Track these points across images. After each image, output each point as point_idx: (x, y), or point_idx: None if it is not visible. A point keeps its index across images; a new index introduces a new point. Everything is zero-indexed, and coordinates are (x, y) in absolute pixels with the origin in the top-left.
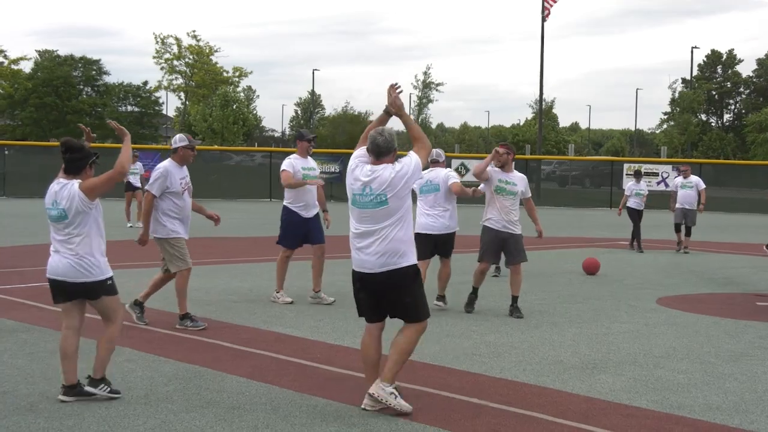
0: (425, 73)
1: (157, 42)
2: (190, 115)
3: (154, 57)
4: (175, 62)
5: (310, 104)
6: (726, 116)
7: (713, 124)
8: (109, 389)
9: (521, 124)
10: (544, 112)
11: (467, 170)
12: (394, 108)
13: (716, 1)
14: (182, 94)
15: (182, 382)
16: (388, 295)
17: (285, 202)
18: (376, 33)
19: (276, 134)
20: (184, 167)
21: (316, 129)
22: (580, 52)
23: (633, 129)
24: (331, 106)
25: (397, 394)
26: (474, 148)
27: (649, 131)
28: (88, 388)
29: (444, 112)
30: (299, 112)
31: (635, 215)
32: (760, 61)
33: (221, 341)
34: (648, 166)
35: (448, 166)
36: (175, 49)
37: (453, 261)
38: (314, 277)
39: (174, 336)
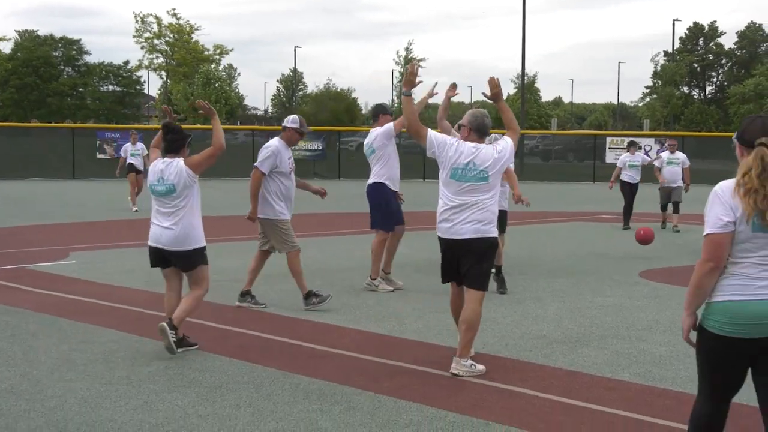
0: (407, 49)
1: (137, 21)
2: (172, 93)
3: (134, 36)
4: (156, 41)
5: (292, 82)
6: (708, 89)
7: (696, 97)
8: (175, 338)
9: (504, 98)
10: (526, 87)
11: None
12: (493, 94)
13: None
14: (163, 73)
15: (165, 362)
16: (469, 261)
17: (379, 180)
18: (358, 10)
19: (258, 112)
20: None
21: (298, 107)
22: (562, 25)
23: (616, 102)
24: (313, 83)
25: (474, 363)
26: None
27: (632, 104)
28: (170, 331)
29: (427, 88)
30: (281, 89)
31: (628, 189)
32: (741, 33)
33: (204, 321)
34: (631, 139)
35: None
36: (156, 27)
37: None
38: (387, 258)
39: (156, 316)
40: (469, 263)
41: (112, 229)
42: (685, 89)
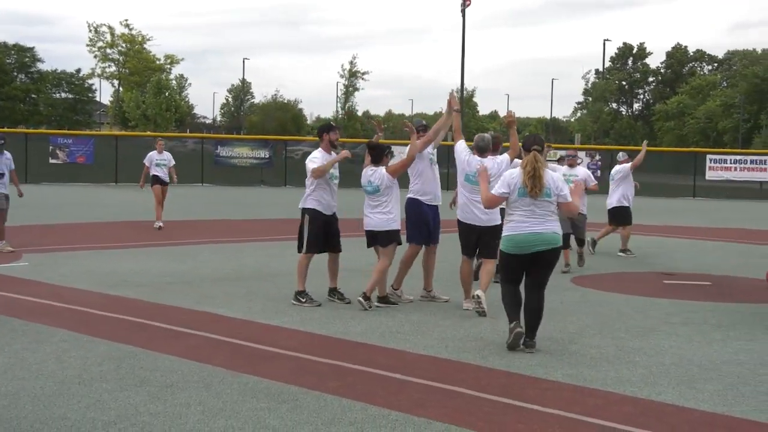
0: (351, 63)
1: (90, 31)
2: (124, 101)
3: (87, 45)
4: (108, 50)
5: (241, 92)
6: (636, 105)
7: (624, 113)
8: (370, 305)
9: (443, 111)
10: (465, 101)
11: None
12: (508, 122)
13: None
14: (115, 81)
15: (116, 361)
16: (485, 239)
17: (410, 194)
18: (308, 23)
19: (207, 121)
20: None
21: (246, 116)
22: (500, 43)
23: (549, 117)
24: (261, 93)
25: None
26: (398, 134)
27: (564, 119)
28: (358, 298)
29: (370, 100)
30: (230, 99)
31: None
32: (668, 54)
33: (155, 322)
34: (562, 152)
35: None
36: (109, 37)
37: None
38: (423, 274)
39: (108, 317)
40: (486, 240)
41: (65, 232)
42: (614, 105)
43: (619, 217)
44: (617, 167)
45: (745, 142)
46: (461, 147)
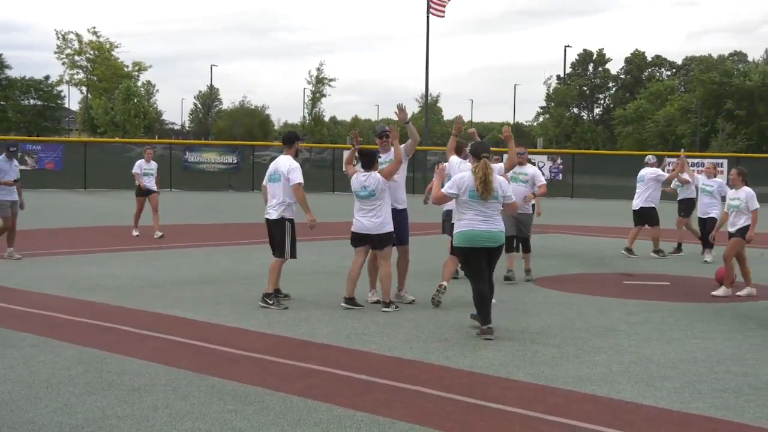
0: (318, 69)
1: (58, 38)
2: (93, 108)
3: (55, 52)
4: (77, 57)
5: (209, 98)
6: (596, 110)
7: (585, 117)
8: (395, 306)
9: (409, 117)
10: (429, 106)
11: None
12: (505, 137)
13: (589, 3)
14: (84, 88)
15: (84, 365)
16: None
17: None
18: (276, 30)
19: (176, 127)
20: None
21: (213, 122)
22: (464, 49)
23: (512, 122)
24: (229, 100)
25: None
26: (365, 140)
27: (527, 124)
28: (384, 309)
29: (337, 106)
30: (198, 105)
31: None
32: (627, 59)
33: (122, 325)
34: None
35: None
36: (76, 44)
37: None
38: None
39: (76, 321)
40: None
41: (33, 237)
42: (575, 110)
43: (646, 217)
44: (647, 170)
45: (703, 146)
46: (455, 160)
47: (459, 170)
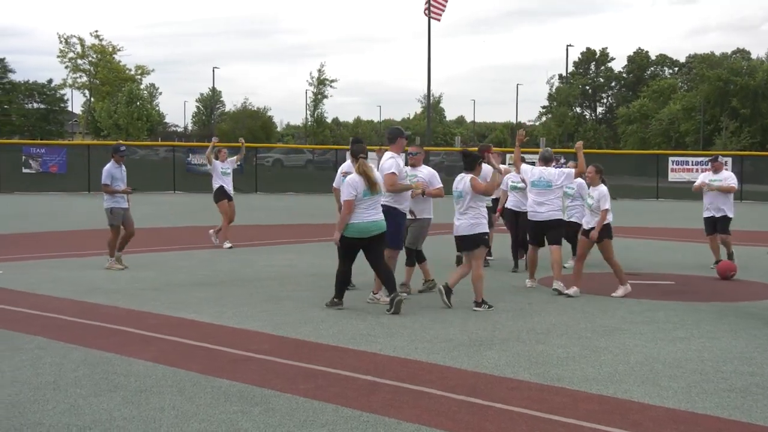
0: (320, 71)
1: (61, 42)
2: (96, 111)
3: (58, 56)
4: (79, 61)
5: (211, 100)
6: (599, 109)
7: (588, 117)
8: (488, 306)
9: (411, 117)
10: (432, 107)
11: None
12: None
13: (589, 3)
14: (87, 92)
15: (90, 367)
16: (545, 231)
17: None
18: (275, 33)
19: (179, 129)
20: None
21: (217, 124)
22: (466, 49)
23: (514, 121)
24: (231, 102)
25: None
26: (368, 140)
27: (530, 123)
28: (475, 308)
29: (339, 107)
30: (201, 107)
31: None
32: (629, 58)
33: (128, 327)
34: (530, 156)
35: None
36: (79, 48)
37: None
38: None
39: (82, 323)
40: (545, 231)
41: (39, 240)
42: (578, 109)
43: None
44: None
45: (707, 144)
46: (526, 167)
47: (532, 174)
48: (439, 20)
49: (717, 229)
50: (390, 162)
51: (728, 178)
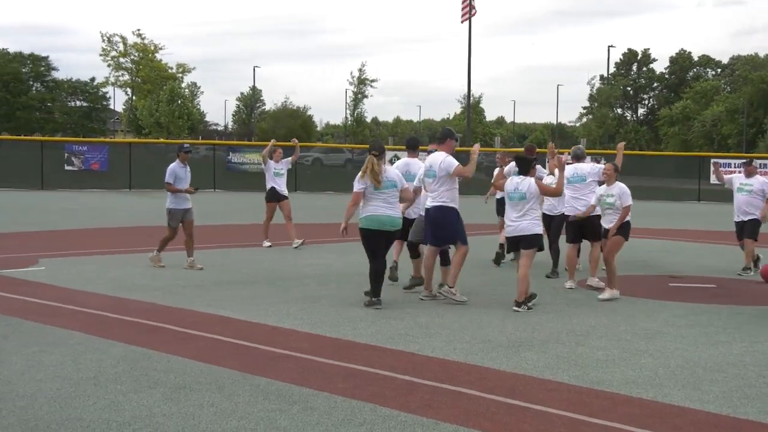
0: (360, 71)
1: (103, 40)
2: (137, 109)
3: (101, 54)
4: (121, 59)
5: (252, 99)
6: (641, 110)
7: (629, 118)
8: (528, 307)
9: (451, 117)
10: (472, 107)
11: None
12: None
13: (632, 4)
14: (129, 90)
15: (130, 363)
16: (583, 227)
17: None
18: (315, 33)
19: (219, 128)
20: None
21: (257, 123)
22: (505, 50)
23: (554, 122)
24: (271, 101)
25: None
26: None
27: (570, 124)
28: (515, 308)
29: (378, 107)
30: (241, 106)
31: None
32: (672, 59)
33: (167, 324)
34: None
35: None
36: (121, 47)
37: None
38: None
39: (122, 320)
40: (587, 228)
41: (80, 237)
42: (619, 111)
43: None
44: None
45: (750, 147)
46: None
47: (566, 171)
48: (474, 13)
49: (744, 232)
50: (450, 158)
51: (762, 183)
